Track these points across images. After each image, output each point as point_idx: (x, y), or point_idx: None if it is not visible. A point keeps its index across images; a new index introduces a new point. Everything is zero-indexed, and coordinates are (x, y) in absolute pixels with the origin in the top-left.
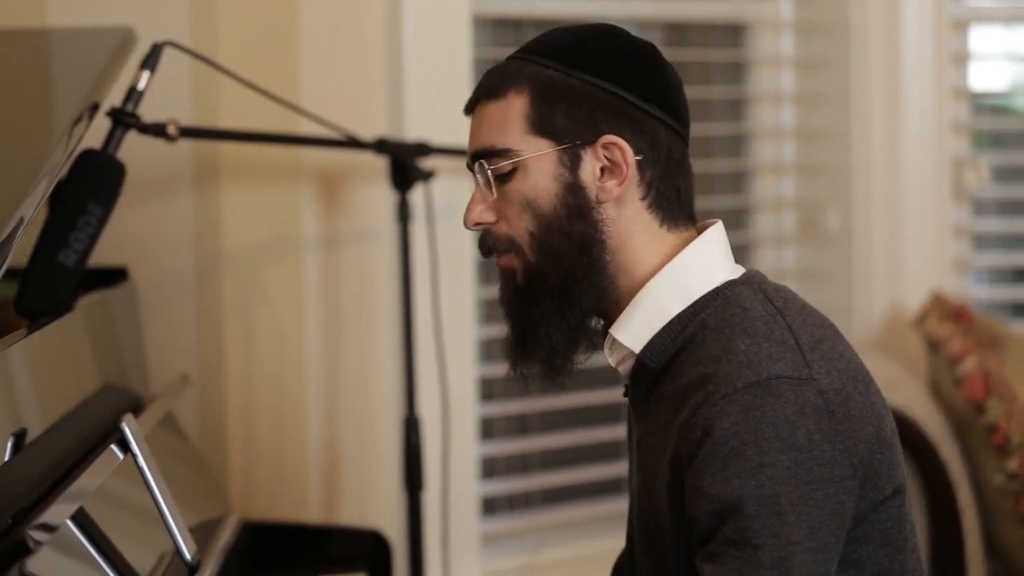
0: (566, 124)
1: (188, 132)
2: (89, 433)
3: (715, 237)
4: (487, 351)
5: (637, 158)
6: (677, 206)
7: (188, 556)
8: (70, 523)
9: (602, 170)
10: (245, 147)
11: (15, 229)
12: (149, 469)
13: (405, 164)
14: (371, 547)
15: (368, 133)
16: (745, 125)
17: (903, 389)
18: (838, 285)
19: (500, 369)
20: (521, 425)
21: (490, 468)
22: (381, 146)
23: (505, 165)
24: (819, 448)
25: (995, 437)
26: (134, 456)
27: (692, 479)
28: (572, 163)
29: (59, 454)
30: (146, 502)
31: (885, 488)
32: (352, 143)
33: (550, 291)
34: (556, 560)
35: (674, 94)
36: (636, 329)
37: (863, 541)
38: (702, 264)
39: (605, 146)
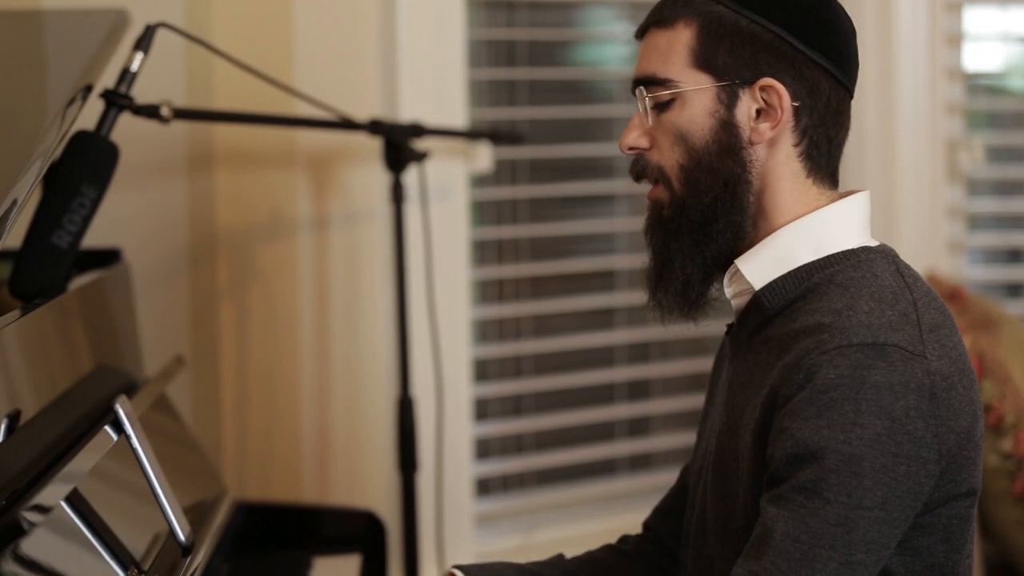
0: (728, 61)
1: (181, 114)
2: (83, 414)
3: (860, 203)
4: (481, 331)
5: (794, 104)
6: (826, 159)
7: (182, 537)
8: (64, 504)
9: (758, 112)
10: (239, 128)
11: (8, 211)
12: (143, 450)
13: (399, 145)
14: (365, 528)
15: (362, 114)
16: None
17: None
18: None
19: (494, 350)
20: (515, 405)
21: (484, 448)
22: (375, 127)
23: (664, 95)
24: (914, 424)
25: (989, 418)
26: (128, 437)
27: (783, 419)
28: (729, 101)
29: (53, 436)
30: (140, 483)
31: (962, 485)
32: (346, 124)
33: (691, 224)
34: (550, 540)
35: (843, 43)
36: (762, 267)
37: (927, 531)
38: (841, 224)
39: (763, 88)
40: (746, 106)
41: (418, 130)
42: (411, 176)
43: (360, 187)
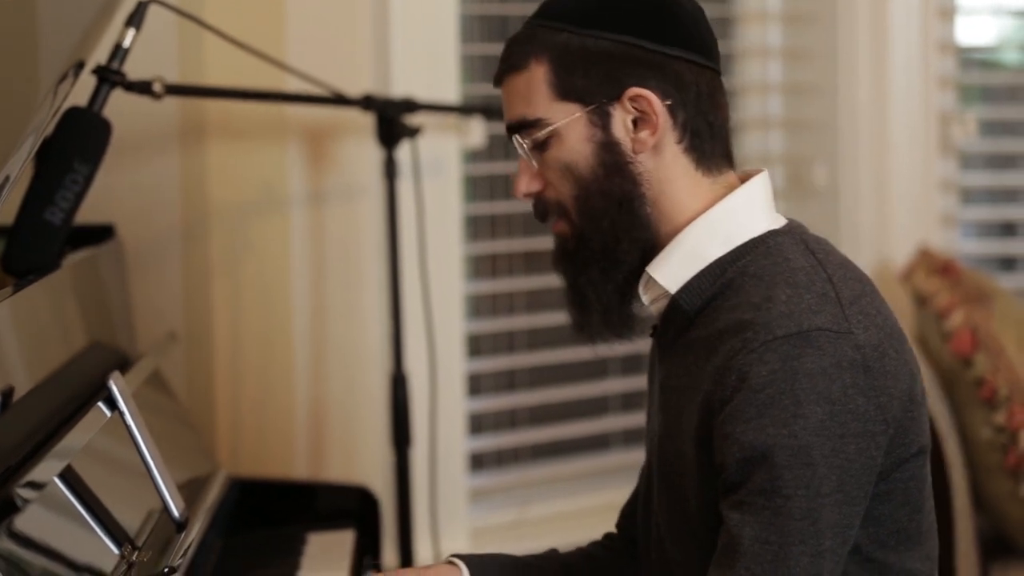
0: (588, 85)
1: (174, 90)
2: (76, 391)
3: (759, 186)
4: (474, 307)
5: (666, 103)
6: (711, 143)
7: (176, 513)
8: (57, 481)
9: (634, 122)
10: (231, 104)
11: (1, 187)
12: (136, 426)
13: (391, 120)
14: (359, 503)
15: (354, 89)
16: (732, 80)
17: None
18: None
19: (487, 325)
20: (509, 380)
21: (478, 424)
22: (367, 102)
23: (540, 135)
24: (854, 402)
25: (982, 391)
26: (121, 414)
27: (724, 425)
28: (603, 122)
29: (46, 412)
30: (134, 459)
31: (911, 446)
32: (338, 100)
33: (594, 254)
34: (544, 515)
35: (692, 27)
36: (673, 270)
37: (885, 498)
38: (745, 212)
39: (632, 99)
40: (620, 120)
41: (411, 105)
42: (404, 151)
43: (352, 163)
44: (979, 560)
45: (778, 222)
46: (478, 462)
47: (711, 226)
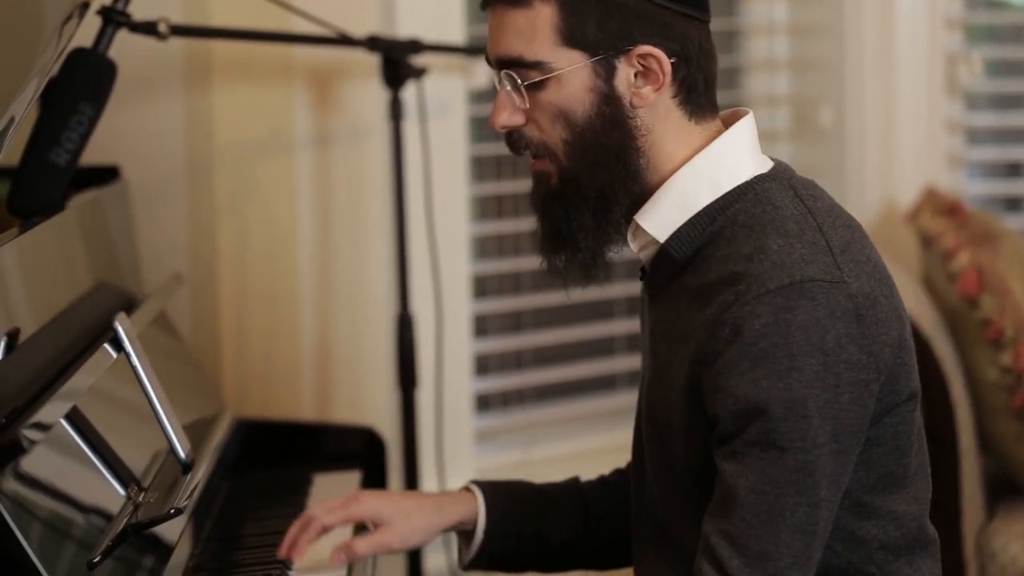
0: (599, 36)
1: (179, 30)
2: (82, 332)
3: (744, 129)
4: (480, 248)
5: (672, 60)
6: (704, 97)
7: (182, 454)
8: (64, 422)
9: (636, 75)
10: (236, 45)
11: (6, 129)
12: (142, 368)
13: (397, 61)
14: (365, 445)
15: (360, 30)
16: (737, 21)
17: (896, 284)
18: (831, 181)
19: (493, 266)
20: (515, 322)
21: (484, 365)
22: (373, 43)
23: (537, 77)
24: (847, 352)
25: (989, 332)
26: (127, 355)
27: (717, 377)
28: (607, 73)
29: (52, 354)
30: (140, 401)
31: (902, 392)
32: (343, 40)
33: (586, 200)
34: (550, 456)
35: None
36: (662, 218)
37: (875, 443)
38: (731, 157)
39: (641, 56)
40: (624, 74)
41: (416, 46)
42: (409, 92)
43: (358, 104)
44: (984, 501)
45: (765, 165)
46: (484, 403)
47: (698, 173)
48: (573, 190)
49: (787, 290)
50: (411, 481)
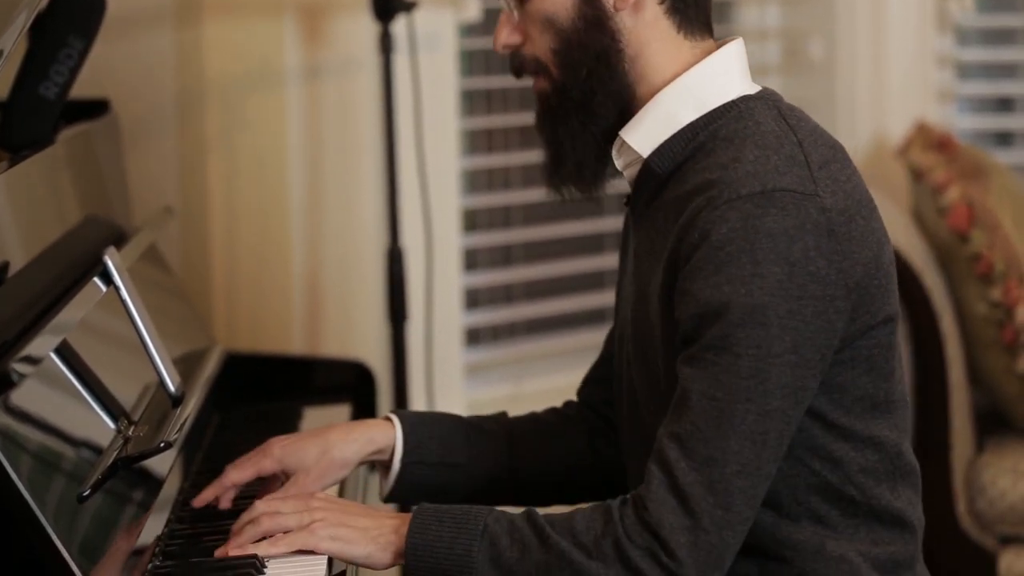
0: None
1: None
2: (72, 266)
3: (734, 52)
4: (470, 182)
5: None
6: (694, 10)
7: (172, 388)
8: (53, 356)
9: None
10: None
11: None
12: (132, 301)
13: None
14: (355, 378)
15: None
16: None
17: (886, 218)
18: (822, 114)
19: (483, 200)
20: (505, 256)
21: (474, 299)
22: None
23: None
24: (814, 264)
25: (979, 266)
26: (117, 288)
27: (684, 281)
28: None
29: (42, 287)
30: (129, 334)
31: (877, 314)
32: None
33: (573, 104)
34: (539, 390)
35: None
36: (646, 133)
37: (848, 365)
38: (719, 76)
39: None
40: None
41: None
42: (399, 25)
43: (348, 37)
44: (974, 434)
45: (752, 88)
46: (474, 337)
47: (685, 90)
48: (563, 99)
49: (758, 197)
50: None
